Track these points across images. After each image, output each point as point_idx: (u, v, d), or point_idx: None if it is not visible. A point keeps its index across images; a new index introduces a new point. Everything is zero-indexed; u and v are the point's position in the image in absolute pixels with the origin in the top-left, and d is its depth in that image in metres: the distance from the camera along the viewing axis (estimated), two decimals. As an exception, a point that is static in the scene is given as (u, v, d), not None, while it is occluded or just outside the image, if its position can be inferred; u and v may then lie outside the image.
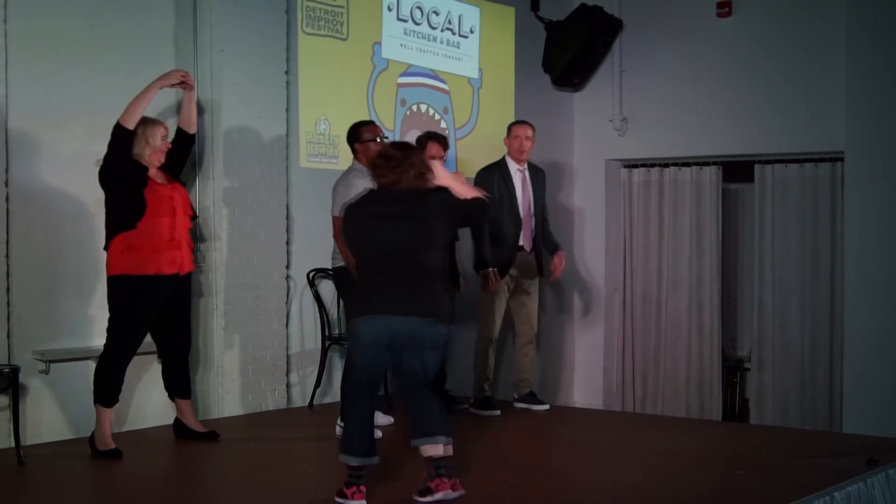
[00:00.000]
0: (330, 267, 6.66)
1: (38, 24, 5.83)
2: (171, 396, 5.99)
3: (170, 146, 5.73)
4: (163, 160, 5.68)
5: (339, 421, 6.12)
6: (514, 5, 8.97)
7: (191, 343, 6.06)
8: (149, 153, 5.59)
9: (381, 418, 6.14)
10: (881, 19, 7.93)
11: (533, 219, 7.18)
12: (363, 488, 4.52)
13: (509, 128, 7.28)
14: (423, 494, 4.51)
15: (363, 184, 5.71)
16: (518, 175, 7.18)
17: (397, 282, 4.57)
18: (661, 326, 9.48)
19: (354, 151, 6.37)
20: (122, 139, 5.51)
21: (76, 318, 5.97)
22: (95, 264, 5.86)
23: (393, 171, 4.61)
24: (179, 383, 5.96)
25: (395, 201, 4.62)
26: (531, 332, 7.30)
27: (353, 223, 4.75)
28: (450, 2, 8.35)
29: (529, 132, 7.18)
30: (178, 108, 6.16)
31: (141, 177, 5.56)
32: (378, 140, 6.34)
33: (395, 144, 4.80)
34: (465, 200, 4.72)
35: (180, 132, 6.00)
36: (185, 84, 5.90)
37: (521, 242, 7.12)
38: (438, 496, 4.48)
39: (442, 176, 4.76)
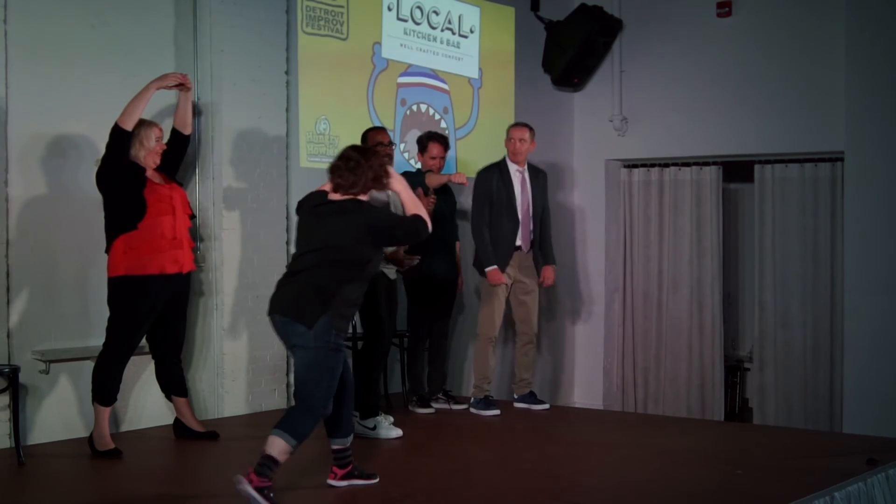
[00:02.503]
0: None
1: (38, 24, 5.83)
2: (168, 395, 6.00)
3: (165, 147, 5.74)
4: (158, 161, 5.69)
5: (359, 420, 6.13)
6: (514, 5, 8.97)
7: (184, 341, 6.06)
8: (143, 154, 5.60)
9: (381, 419, 6.15)
10: (881, 19, 7.93)
11: (532, 220, 7.19)
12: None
13: (507, 130, 7.29)
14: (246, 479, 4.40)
15: None
16: (517, 176, 7.18)
17: (289, 283, 4.75)
18: (662, 326, 9.48)
19: None
20: (119, 140, 5.52)
21: (76, 319, 5.97)
22: (95, 264, 5.85)
23: (352, 172, 4.75)
24: (175, 381, 5.97)
25: (330, 209, 4.77)
26: (531, 332, 7.29)
27: (299, 217, 4.95)
28: (450, 2, 8.35)
29: (524, 134, 7.18)
30: (175, 109, 6.16)
31: (139, 177, 5.57)
32: (385, 144, 6.45)
33: (355, 148, 4.93)
34: (397, 222, 4.94)
35: (175, 133, 6.01)
36: (182, 86, 5.91)
37: (518, 242, 7.13)
38: (243, 486, 4.36)
39: (395, 183, 4.91)
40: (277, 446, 4.48)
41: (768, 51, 8.73)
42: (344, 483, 4.91)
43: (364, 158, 4.79)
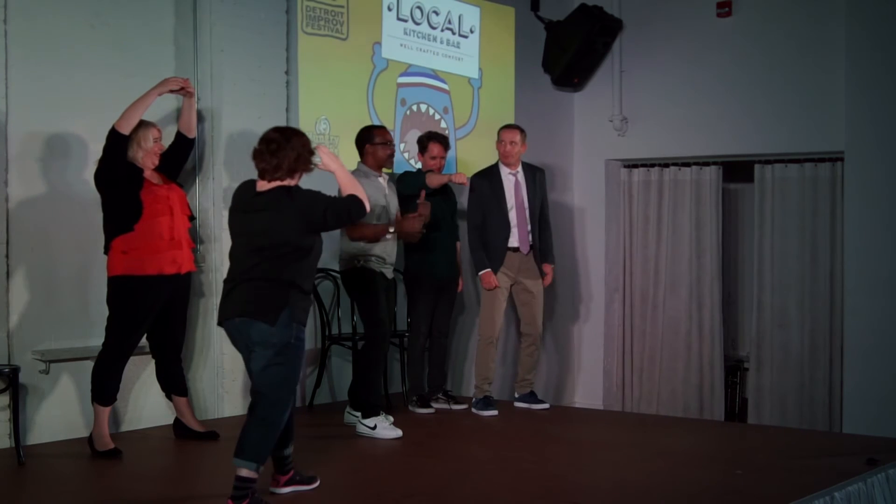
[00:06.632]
0: (332, 268, 6.65)
1: (38, 24, 5.83)
2: (168, 394, 6.00)
3: (163, 148, 5.74)
4: (156, 162, 5.69)
5: (361, 419, 6.12)
6: (514, 5, 8.97)
7: (184, 341, 6.05)
8: (141, 155, 5.60)
9: (382, 419, 6.14)
10: (881, 20, 7.93)
11: (529, 221, 7.17)
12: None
13: (498, 132, 7.28)
14: None
15: (367, 185, 5.72)
16: (510, 179, 7.18)
17: (240, 286, 4.54)
18: (662, 326, 9.48)
19: (363, 153, 6.49)
20: (116, 144, 5.52)
21: (76, 318, 5.97)
22: (95, 264, 5.85)
23: (273, 154, 4.56)
24: (174, 380, 5.97)
25: (260, 203, 4.58)
26: (536, 334, 7.29)
27: (230, 216, 4.77)
28: (450, 2, 8.35)
29: (514, 137, 7.17)
30: (179, 113, 6.16)
31: (136, 179, 5.57)
32: (388, 144, 6.45)
33: (276, 129, 4.71)
34: (327, 205, 4.59)
35: (179, 136, 6.02)
36: (185, 91, 5.91)
37: (514, 244, 7.12)
38: None
39: (328, 162, 4.70)
40: (245, 472, 4.40)
41: (768, 51, 8.73)
42: (287, 489, 4.78)
43: (285, 139, 4.58)
